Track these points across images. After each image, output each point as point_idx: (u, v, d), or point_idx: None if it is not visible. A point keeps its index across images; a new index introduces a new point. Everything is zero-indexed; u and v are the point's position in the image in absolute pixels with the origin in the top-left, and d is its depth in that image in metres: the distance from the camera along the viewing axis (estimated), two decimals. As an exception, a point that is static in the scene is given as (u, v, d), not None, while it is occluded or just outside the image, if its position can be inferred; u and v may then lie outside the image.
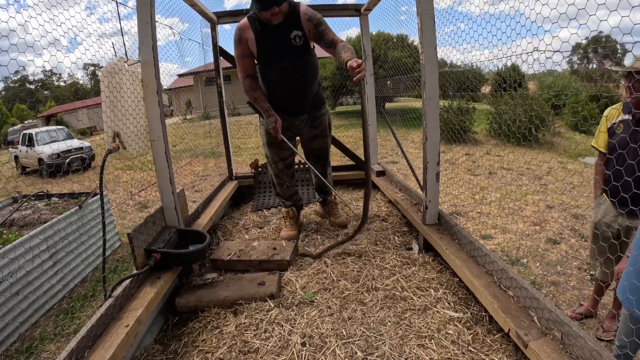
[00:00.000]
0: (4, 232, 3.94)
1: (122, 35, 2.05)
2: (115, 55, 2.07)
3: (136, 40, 2.11)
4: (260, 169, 3.80)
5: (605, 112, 2.51)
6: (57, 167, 12.37)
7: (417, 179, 2.82)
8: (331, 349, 1.52)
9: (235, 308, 1.90)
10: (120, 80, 1.97)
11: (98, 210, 4.81)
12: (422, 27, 1.99)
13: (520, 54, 1.84)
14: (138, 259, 1.87)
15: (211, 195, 3.27)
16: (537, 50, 1.62)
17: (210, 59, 3.90)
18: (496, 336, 1.57)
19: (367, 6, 3.45)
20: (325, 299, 1.88)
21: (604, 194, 2.56)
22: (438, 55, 2.09)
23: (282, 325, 1.70)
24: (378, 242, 2.48)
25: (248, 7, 3.60)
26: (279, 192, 2.93)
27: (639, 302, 1.61)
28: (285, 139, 2.52)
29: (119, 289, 1.74)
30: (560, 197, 6.42)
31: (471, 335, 1.58)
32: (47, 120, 33.01)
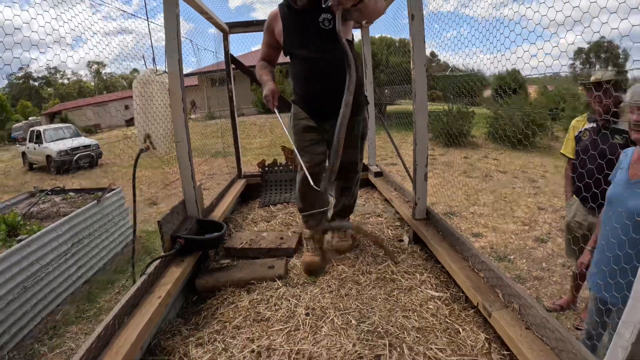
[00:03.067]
0: (28, 223, 4.25)
1: (152, 50, 2.35)
2: (146, 67, 2.38)
3: (141, 39, 2.42)
4: (267, 168, 4.10)
5: (572, 123, 2.82)
6: (65, 164, 12.71)
7: (411, 178, 3.12)
8: (330, 318, 1.83)
9: (248, 287, 2.20)
10: (151, 89, 2.28)
11: (114, 205, 5.13)
12: (414, 47, 2.29)
13: (516, 63, 2.02)
14: (166, 244, 2.18)
15: (222, 191, 3.58)
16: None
17: (212, 60, 4.20)
18: (470, 312, 1.87)
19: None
20: (326, 279, 2.19)
21: (574, 196, 2.86)
22: (440, 59, 2.38)
23: (289, 300, 2.01)
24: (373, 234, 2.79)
25: (256, 18, 3.93)
26: (301, 207, 2.51)
27: (607, 286, 1.89)
28: (277, 112, 2.25)
29: (151, 268, 2.04)
30: (551, 199, 6.72)
31: (448, 310, 1.88)
32: (52, 118, 33.39)
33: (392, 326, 1.76)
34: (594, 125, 2.67)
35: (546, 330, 1.41)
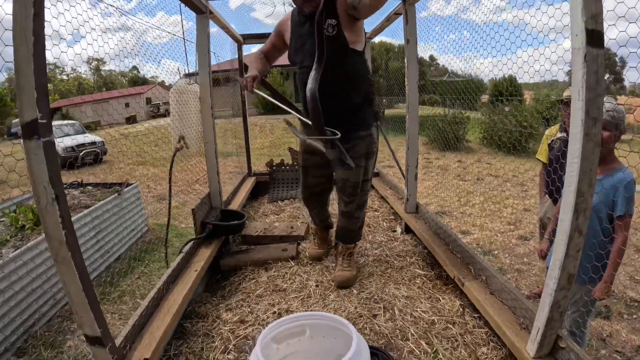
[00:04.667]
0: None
1: (187, 64, 2.77)
2: (180, 77, 2.80)
3: (141, 36, 2.78)
4: (274, 167, 4.52)
5: (546, 132, 3.25)
6: (70, 160, 13.01)
7: (404, 176, 3.54)
8: (335, 289, 2.26)
9: (265, 266, 2.61)
10: (185, 97, 2.70)
11: (132, 198, 5.53)
12: (407, 66, 2.73)
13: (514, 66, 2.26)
14: (197, 228, 2.60)
15: (236, 188, 4.00)
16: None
17: (215, 61, 4.59)
18: (449, 286, 2.30)
19: (369, 35, 4.18)
20: (331, 260, 2.61)
21: (546, 196, 3.29)
22: (440, 63, 2.80)
23: (301, 275, 2.43)
24: (370, 226, 3.22)
25: (256, 18, 4.32)
26: (306, 211, 2.82)
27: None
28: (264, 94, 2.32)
29: (186, 247, 2.45)
30: (538, 202, 7.15)
31: (432, 284, 2.31)
32: (52, 114, 33.55)
33: (385, 295, 2.18)
34: (564, 135, 3.09)
35: (505, 294, 1.84)
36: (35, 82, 1.15)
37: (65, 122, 16.61)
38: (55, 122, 16.45)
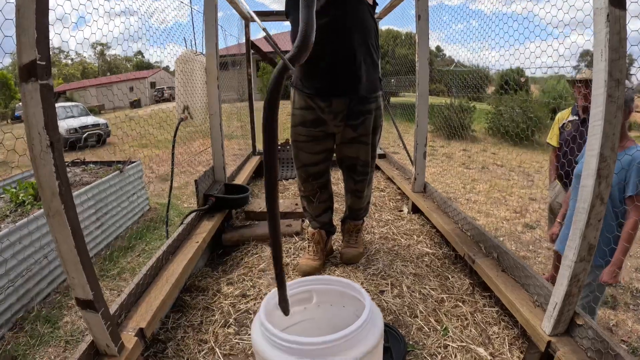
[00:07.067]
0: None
1: (193, 33, 2.68)
2: (186, 47, 2.71)
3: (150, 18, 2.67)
4: (279, 147, 4.44)
5: (558, 115, 3.16)
6: (74, 142, 12.96)
7: (411, 160, 3.47)
8: (342, 264, 2.20)
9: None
10: (190, 67, 2.62)
11: (134, 176, 5.48)
12: (419, 43, 2.64)
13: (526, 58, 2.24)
14: (199, 200, 2.53)
15: (240, 165, 3.93)
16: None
17: (224, 44, 4.48)
18: (458, 265, 2.23)
19: (379, 15, 4.08)
20: (337, 237, 2.55)
21: (556, 180, 3.21)
22: (446, 53, 2.72)
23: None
24: (376, 205, 3.15)
25: (263, 3, 4.19)
26: (305, 206, 2.28)
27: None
28: None
29: (188, 219, 2.39)
30: (544, 191, 7.07)
31: (440, 263, 2.24)
32: (56, 97, 33.51)
33: (393, 271, 2.12)
34: (576, 117, 3.01)
35: (517, 271, 1.78)
36: (36, 23, 1.07)
37: (69, 103, 16.51)
38: (58, 104, 16.35)
